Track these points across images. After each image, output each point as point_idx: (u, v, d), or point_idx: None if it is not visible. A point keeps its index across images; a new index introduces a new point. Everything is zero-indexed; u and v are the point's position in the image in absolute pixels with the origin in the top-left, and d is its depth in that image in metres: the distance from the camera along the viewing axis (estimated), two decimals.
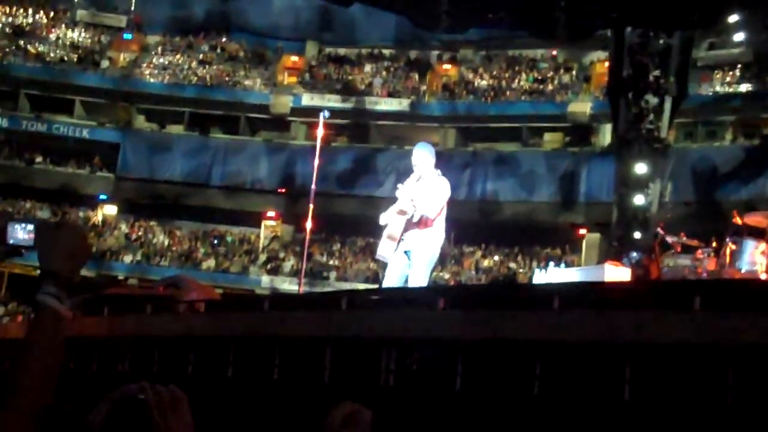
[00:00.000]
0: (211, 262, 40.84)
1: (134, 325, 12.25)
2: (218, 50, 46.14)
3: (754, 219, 12.30)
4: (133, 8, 47.11)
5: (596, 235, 36.87)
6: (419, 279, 9.80)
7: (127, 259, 40.89)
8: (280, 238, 42.83)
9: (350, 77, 44.18)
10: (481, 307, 8.19)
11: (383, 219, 9.89)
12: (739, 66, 36.94)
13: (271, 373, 9.40)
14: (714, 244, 12.51)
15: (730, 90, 36.91)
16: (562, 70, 42.53)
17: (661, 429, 6.59)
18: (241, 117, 43.59)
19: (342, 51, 46.08)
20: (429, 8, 29.21)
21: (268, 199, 42.24)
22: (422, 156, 10.06)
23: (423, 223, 9.79)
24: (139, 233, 42.91)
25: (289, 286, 37.33)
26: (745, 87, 36.69)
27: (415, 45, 43.88)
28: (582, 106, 39.62)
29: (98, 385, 11.04)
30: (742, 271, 11.55)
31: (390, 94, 42.91)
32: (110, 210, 44.31)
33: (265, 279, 39.57)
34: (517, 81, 42.54)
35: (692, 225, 18.42)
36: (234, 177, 42.28)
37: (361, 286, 30.40)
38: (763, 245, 11.72)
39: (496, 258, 39.73)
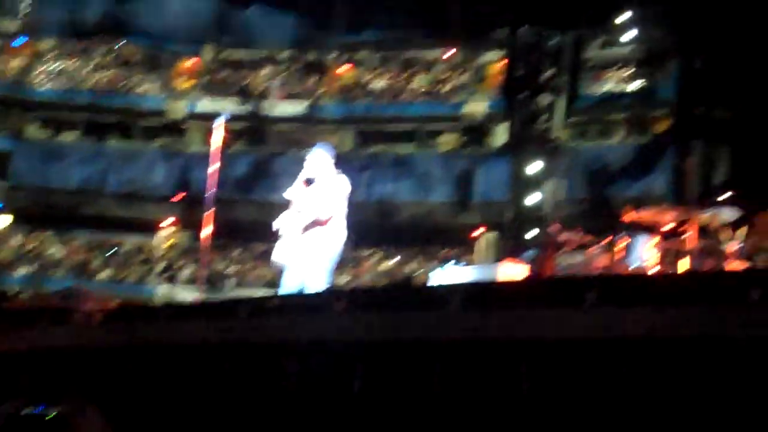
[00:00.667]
0: (106, 272, 40.22)
1: (29, 339, 12.03)
2: (113, 55, 45.42)
3: (645, 215, 12.58)
4: (25, 13, 46.12)
5: (492, 234, 37.25)
6: (319, 281, 9.81)
7: (21, 271, 40.04)
8: (178, 246, 42.34)
9: (247, 81, 43.91)
10: (380, 309, 8.23)
11: (278, 224, 9.88)
12: (630, 64, 37.68)
13: (171, 382, 9.34)
14: (606, 240, 12.76)
15: (621, 88, 37.63)
16: (457, 71, 42.86)
17: (559, 423, 6.72)
18: (136, 123, 43.03)
19: (238, 54, 45.73)
20: (325, 10, 29.29)
21: (165, 207, 41.70)
22: (320, 157, 10.07)
23: (319, 224, 9.80)
24: (34, 244, 42.02)
25: (187, 294, 36.93)
26: (635, 85, 37.44)
27: (311, 47, 43.81)
28: (477, 107, 39.97)
29: None
30: (633, 266, 11.82)
31: (287, 97, 42.78)
32: (3, 221, 43.31)
33: (163, 288, 39.11)
34: (413, 82, 42.76)
35: (585, 222, 18.75)
36: (130, 184, 41.71)
37: (261, 292, 30.25)
38: (653, 240, 12.01)
39: (395, 259, 39.88)
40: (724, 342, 6.12)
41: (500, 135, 37.76)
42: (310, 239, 9.80)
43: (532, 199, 25.93)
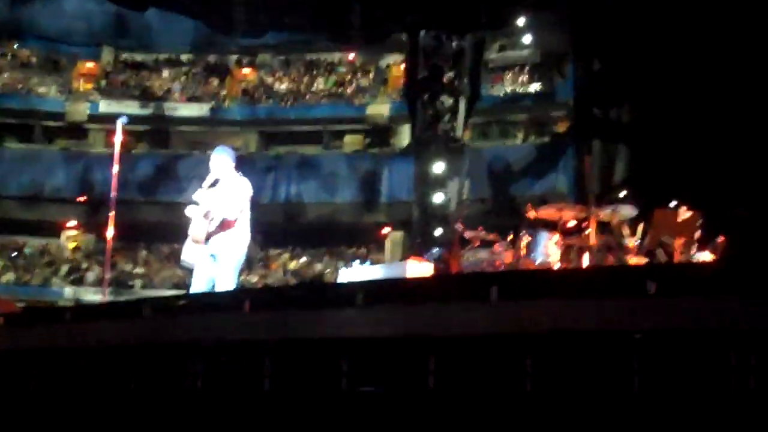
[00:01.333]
0: (10, 275, 39.46)
1: None
2: (9, 57, 44.55)
3: (546, 212, 12.80)
4: None
5: (399, 233, 37.50)
6: (227, 282, 9.82)
7: None
8: (83, 248, 41.74)
9: (148, 83, 43.48)
10: (287, 307, 8.27)
11: (189, 213, 9.91)
12: (528, 67, 38.27)
13: (76, 384, 9.25)
14: (510, 238, 12.97)
15: (521, 90, 38.19)
16: (359, 74, 43.04)
17: (465, 417, 6.83)
18: (36, 125, 42.29)
19: (139, 57, 45.23)
20: (225, 13, 29.12)
21: (68, 209, 41.03)
22: (221, 160, 10.08)
23: (225, 225, 9.81)
24: None
25: (93, 296, 36.41)
26: (534, 87, 38.04)
27: (212, 50, 43.55)
28: (380, 108, 40.23)
29: None
30: (537, 262, 12.03)
31: (190, 99, 42.48)
32: None
33: (68, 290, 38.49)
34: (316, 85, 42.82)
35: (490, 220, 18.99)
36: (31, 187, 40.96)
37: (169, 293, 29.99)
38: (556, 236, 12.24)
39: (304, 259, 39.91)
40: (624, 335, 6.29)
41: (404, 136, 38.04)
42: (218, 240, 9.82)
43: (437, 198, 26.14)
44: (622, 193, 14.29)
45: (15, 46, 44.72)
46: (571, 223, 12.75)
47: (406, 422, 7.08)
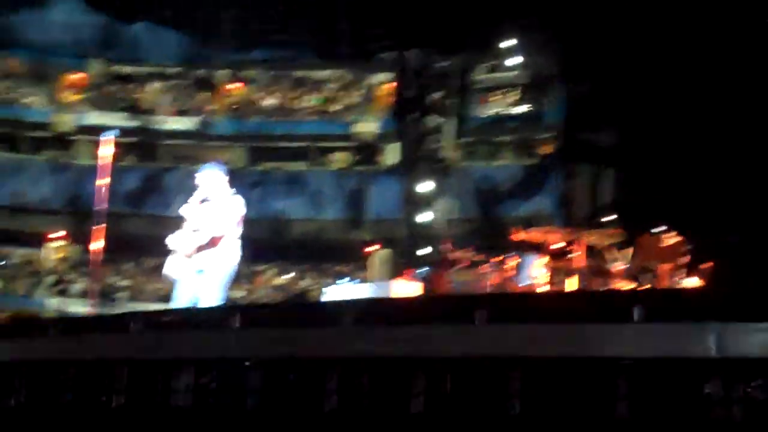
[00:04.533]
0: None
1: None
2: None
3: (533, 235, 12.85)
4: None
5: (386, 251, 37.48)
6: (212, 298, 9.80)
7: None
8: (68, 259, 41.61)
9: (136, 96, 43.45)
10: (276, 325, 8.28)
11: (172, 242, 9.86)
12: (516, 88, 38.35)
13: (62, 397, 9.22)
14: (497, 259, 12.99)
15: (508, 111, 38.25)
16: (348, 91, 43.07)
17: None
18: (21, 135, 42.21)
19: (127, 69, 45.21)
20: (214, 27, 29.19)
21: (54, 219, 40.98)
22: (211, 176, 10.05)
23: (213, 242, 9.79)
24: None
25: (79, 307, 36.25)
26: (522, 108, 38.12)
27: (201, 64, 43.58)
28: (368, 126, 40.24)
29: None
30: (523, 284, 12.07)
31: (178, 113, 42.46)
32: None
33: (53, 301, 38.40)
34: (303, 101, 42.85)
35: (477, 240, 19.04)
36: (16, 197, 40.88)
37: (154, 307, 29.84)
38: (543, 259, 12.28)
39: (289, 275, 39.86)
40: (609, 360, 6.32)
41: (391, 154, 38.06)
42: (205, 256, 9.80)
43: (424, 217, 26.21)
44: (609, 217, 14.36)
45: (2, 56, 44.59)
46: (558, 246, 12.79)
47: None
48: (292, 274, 39.89)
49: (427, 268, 15.52)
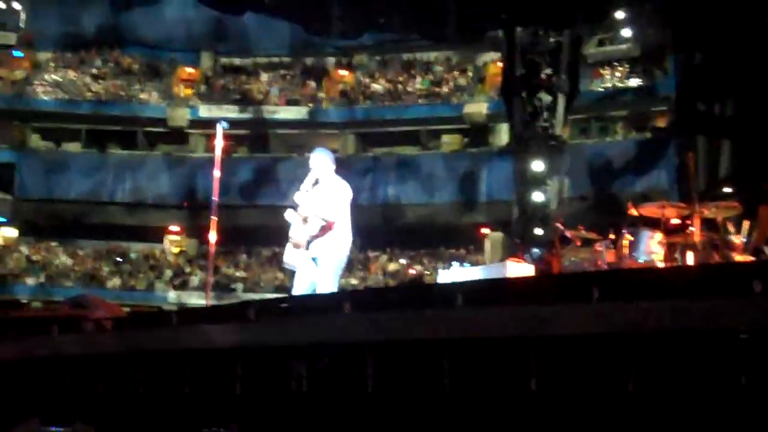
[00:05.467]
0: (116, 281, 40.29)
1: (40, 348, 12.07)
2: (111, 64, 45.51)
3: (648, 210, 12.59)
4: (22, 25, 46.25)
5: (499, 234, 37.33)
6: (328, 284, 9.84)
7: (30, 281, 40.12)
8: (185, 253, 42.46)
9: (247, 87, 44.02)
10: (388, 308, 8.29)
11: (290, 232, 9.93)
12: (628, 61, 37.72)
13: (182, 387, 9.39)
14: (611, 237, 12.78)
15: (620, 85, 37.68)
16: (456, 72, 42.96)
17: (567, 418, 6.77)
18: (138, 131, 43.16)
19: (237, 61, 45.87)
20: (321, 15, 29.29)
21: (171, 214, 41.87)
22: (320, 160, 10.10)
23: (325, 228, 9.83)
24: (41, 255, 42.10)
25: (197, 300, 36.95)
26: (634, 82, 37.50)
27: (309, 52, 43.90)
28: (478, 107, 40.10)
29: (6, 414, 10.90)
30: (640, 261, 11.83)
31: (288, 103, 42.89)
32: (10, 233, 43.42)
33: (172, 294, 39.19)
34: (412, 84, 42.86)
35: (590, 218, 18.77)
36: (134, 193, 41.84)
37: (270, 296, 30.30)
38: (658, 235, 12.02)
39: (402, 261, 39.98)
40: (731, 334, 6.17)
41: (502, 134, 37.84)
42: (319, 243, 9.84)
43: (536, 197, 25.91)
44: (727, 190, 13.99)
45: (117, 54, 45.64)
46: (674, 221, 12.52)
47: (508, 423, 7.05)
48: (405, 260, 39.98)
49: (541, 249, 15.37)
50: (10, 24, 46.30)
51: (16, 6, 46.16)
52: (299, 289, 9.96)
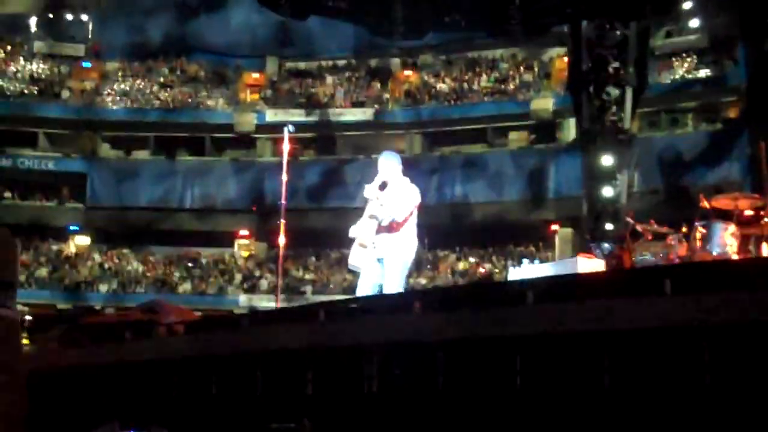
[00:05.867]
0: (187, 286, 40.72)
1: (114, 353, 12.20)
2: (178, 72, 46.06)
3: (721, 202, 12.41)
4: (90, 36, 46.98)
5: (568, 230, 37.09)
6: (394, 285, 9.79)
7: (103, 288, 40.68)
8: (255, 256, 42.76)
9: (312, 90, 44.24)
10: (457, 307, 8.23)
11: (353, 232, 9.89)
12: (696, 52, 37.25)
13: (254, 388, 9.43)
14: (684, 230, 12.59)
15: (689, 76, 37.21)
16: (522, 69, 42.76)
17: (642, 414, 6.67)
18: (206, 138, 43.56)
19: (302, 65, 46.15)
20: (385, 16, 29.31)
21: (240, 218, 42.23)
22: (388, 164, 10.05)
23: (392, 228, 9.78)
24: (113, 262, 42.69)
25: (267, 303, 37.20)
26: (703, 73, 37.02)
27: (374, 53, 44.00)
28: (544, 103, 39.88)
29: (84, 417, 11.03)
30: (714, 253, 11.65)
31: (353, 105, 43.02)
32: (82, 240, 44.09)
33: (243, 298, 39.50)
34: (478, 82, 42.73)
35: (661, 212, 18.55)
36: (203, 198, 42.27)
37: (339, 298, 30.40)
38: (731, 227, 11.83)
39: (471, 260, 39.86)
40: None
41: (570, 130, 37.57)
42: (385, 243, 9.81)
43: (606, 192, 25.65)
44: None
45: (183, 62, 46.15)
46: (748, 213, 12.31)
47: (581, 420, 6.96)
48: (474, 259, 39.86)
49: (611, 244, 15.18)
50: (78, 35, 47.09)
51: (84, 17, 46.89)
52: (363, 290, 9.93)
